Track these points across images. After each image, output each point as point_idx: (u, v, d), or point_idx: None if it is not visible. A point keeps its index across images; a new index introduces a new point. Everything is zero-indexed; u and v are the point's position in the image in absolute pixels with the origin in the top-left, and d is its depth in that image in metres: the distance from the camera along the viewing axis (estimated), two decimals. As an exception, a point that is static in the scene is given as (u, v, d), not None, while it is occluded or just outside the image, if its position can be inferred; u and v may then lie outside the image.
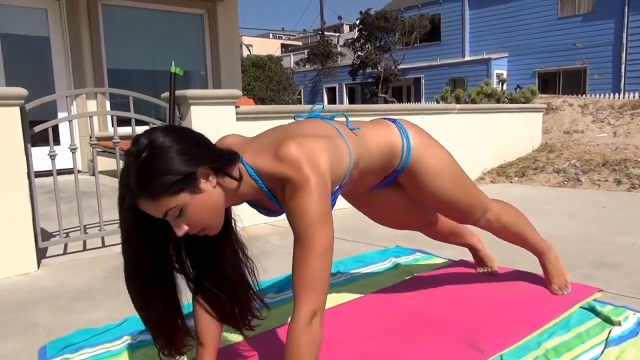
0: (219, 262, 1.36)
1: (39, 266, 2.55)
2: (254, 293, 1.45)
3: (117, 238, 3.08)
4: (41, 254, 2.66)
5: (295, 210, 1.19)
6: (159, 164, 1.11)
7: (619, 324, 1.60)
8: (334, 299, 1.95)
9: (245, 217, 1.49)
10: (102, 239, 2.98)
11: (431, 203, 1.74)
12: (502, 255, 2.25)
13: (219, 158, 1.20)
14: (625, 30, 14.67)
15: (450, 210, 1.74)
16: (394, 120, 1.66)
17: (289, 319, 1.73)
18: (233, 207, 1.38)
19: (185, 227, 1.17)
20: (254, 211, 1.49)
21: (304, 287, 1.16)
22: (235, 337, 1.64)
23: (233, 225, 1.38)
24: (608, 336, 1.54)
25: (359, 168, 1.46)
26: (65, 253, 2.80)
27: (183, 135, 1.18)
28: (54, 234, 2.88)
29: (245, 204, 1.42)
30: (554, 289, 1.91)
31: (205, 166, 1.16)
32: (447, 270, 2.27)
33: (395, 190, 1.77)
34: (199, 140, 1.21)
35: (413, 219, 1.94)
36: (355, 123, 1.53)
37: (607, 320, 1.65)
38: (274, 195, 1.29)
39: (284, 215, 1.31)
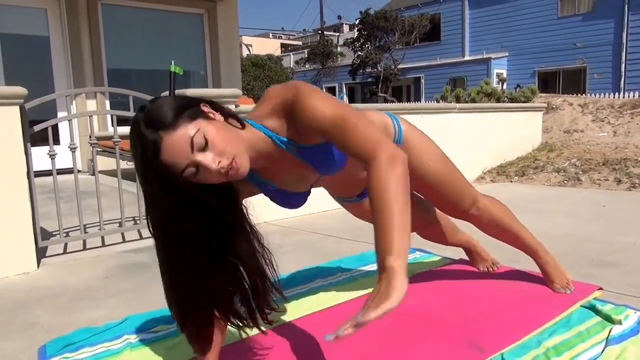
0: (234, 251, 1.33)
1: (38, 265, 2.55)
2: (272, 284, 1.41)
3: (117, 237, 3.09)
4: (41, 253, 2.66)
5: (306, 113, 1.18)
6: (164, 103, 1.13)
7: (620, 322, 1.60)
8: (334, 298, 1.95)
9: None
10: (102, 238, 2.97)
11: (423, 187, 1.74)
12: (503, 255, 2.24)
13: (222, 107, 1.24)
14: (625, 30, 14.67)
15: (441, 195, 1.75)
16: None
17: (291, 317, 1.73)
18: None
19: (218, 160, 1.12)
20: (255, 210, 1.48)
21: (366, 144, 1.15)
22: (236, 336, 1.64)
23: (245, 212, 1.37)
24: (609, 335, 1.54)
25: None
26: (65, 252, 2.80)
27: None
28: (54, 233, 2.88)
29: (256, 204, 1.42)
30: (557, 287, 1.91)
31: (204, 103, 1.19)
32: (446, 269, 2.27)
33: None
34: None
35: (413, 219, 1.94)
36: None
37: (608, 318, 1.65)
38: (283, 137, 1.27)
39: (285, 214, 1.31)
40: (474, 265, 2.24)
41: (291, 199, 1.44)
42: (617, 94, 11.58)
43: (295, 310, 1.84)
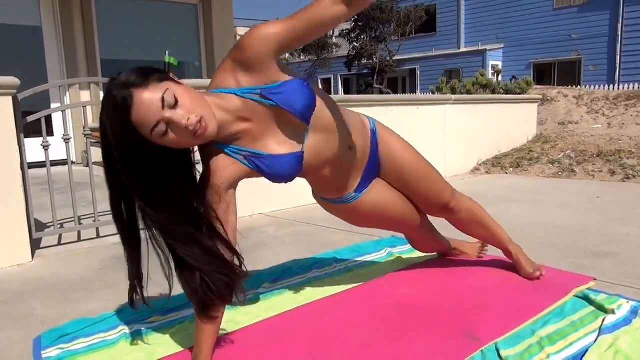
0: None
1: (33, 257, 2.54)
2: (232, 249, 1.36)
3: (112, 229, 3.08)
4: (35, 244, 2.65)
5: (259, 36, 1.27)
6: (134, 70, 1.21)
7: (613, 312, 1.61)
8: (329, 289, 1.95)
9: (240, 208, 1.48)
10: (97, 229, 2.97)
11: (406, 184, 1.78)
12: (492, 248, 2.26)
13: None
14: (620, 22, 14.68)
15: (424, 189, 1.79)
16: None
17: (286, 307, 1.73)
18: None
19: (188, 116, 1.20)
20: (249, 201, 1.48)
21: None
22: (232, 326, 1.65)
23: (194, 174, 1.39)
24: (602, 324, 1.55)
25: (346, 128, 1.54)
26: (59, 244, 2.79)
27: None
28: (48, 225, 2.87)
29: (251, 195, 1.43)
30: (530, 273, 1.94)
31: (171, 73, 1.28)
32: (441, 260, 2.27)
33: (381, 197, 1.77)
34: None
35: (400, 228, 2.00)
36: None
37: (601, 308, 1.66)
38: (245, 87, 1.32)
39: (279, 206, 1.32)
40: (465, 256, 2.25)
41: (284, 165, 1.39)
42: (612, 85, 11.61)
43: (292, 301, 1.84)
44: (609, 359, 1.34)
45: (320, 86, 24.01)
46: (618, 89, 10.37)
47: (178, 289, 2.01)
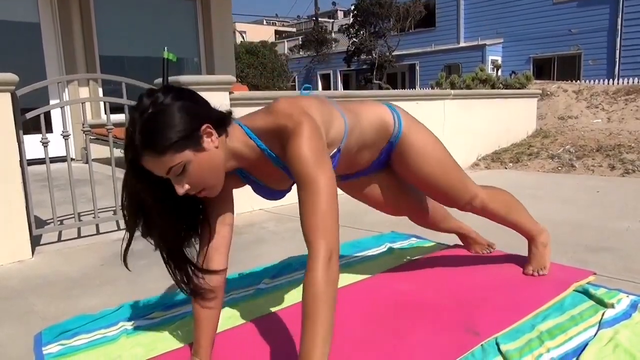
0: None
1: (33, 254, 2.54)
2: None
3: (112, 225, 3.09)
4: (35, 241, 2.65)
5: (293, 154, 1.21)
6: (165, 119, 1.17)
7: (612, 306, 1.62)
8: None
9: (240, 204, 1.49)
10: (97, 226, 2.97)
11: (419, 184, 1.77)
12: (497, 239, 2.26)
13: (219, 115, 1.28)
14: (620, 16, 14.64)
15: (437, 193, 1.77)
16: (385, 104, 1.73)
17: (286, 303, 1.74)
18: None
19: (187, 186, 1.23)
20: (249, 197, 1.49)
21: (316, 230, 1.16)
22: (232, 322, 1.65)
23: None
24: (601, 318, 1.55)
25: (354, 139, 1.52)
26: (59, 240, 2.79)
27: (184, 94, 1.24)
28: (48, 221, 2.87)
29: (250, 191, 1.48)
30: (528, 270, 1.95)
31: (207, 123, 1.23)
32: (442, 255, 2.28)
33: (388, 176, 1.82)
34: (199, 99, 1.28)
35: (406, 205, 1.96)
36: (345, 104, 1.59)
37: (601, 302, 1.66)
38: (273, 152, 1.32)
39: (279, 202, 1.33)
40: (469, 249, 2.25)
41: (275, 194, 1.52)
42: (611, 80, 11.59)
43: (291, 297, 1.85)
44: (609, 353, 1.35)
45: (319, 82, 23.84)
46: (618, 83, 10.35)
47: (177, 287, 2.01)
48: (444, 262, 2.16)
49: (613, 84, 9.64)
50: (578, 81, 10.87)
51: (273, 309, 1.74)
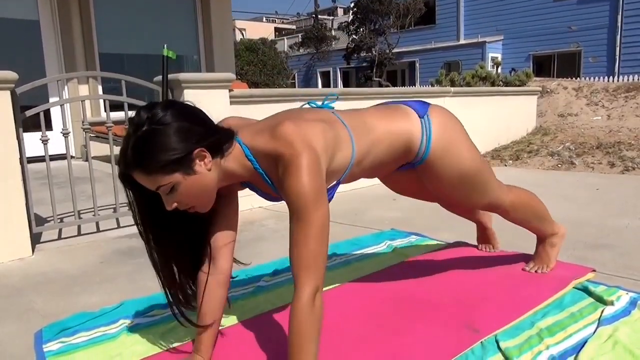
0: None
1: (33, 251, 2.54)
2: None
3: (112, 223, 3.09)
4: (35, 239, 2.65)
5: (289, 187, 1.18)
6: (158, 139, 1.16)
7: (612, 303, 1.62)
8: (329, 282, 1.96)
9: (240, 202, 1.48)
10: (97, 224, 2.97)
11: (440, 194, 1.73)
12: (499, 237, 2.26)
13: (216, 136, 1.24)
14: (620, 13, 14.61)
15: (457, 199, 1.75)
16: (422, 107, 1.57)
17: (286, 300, 1.74)
18: None
19: (175, 204, 1.23)
20: (249, 195, 1.49)
21: (303, 267, 1.16)
22: (233, 319, 1.65)
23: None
24: (601, 315, 1.56)
25: (364, 164, 1.45)
26: (59, 238, 2.80)
27: (183, 112, 1.21)
28: (48, 219, 2.87)
29: (247, 189, 1.46)
30: (530, 266, 1.96)
31: (202, 147, 1.20)
32: (441, 253, 2.28)
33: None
34: (198, 117, 1.25)
35: (429, 194, 1.92)
36: (367, 110, 1.52)
37: (600, 300, 1.67)
38: (269, 177, 1.30)
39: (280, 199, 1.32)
40: (479, 242, 2.25)
41: (272, 198, 1.49)
42: (611, 77, 11.58)
43: (291, 294, 1.84)
44: (608, 350, 1.35)
45: (319, 79, 23.73)
46: (618, 80, 10.35)
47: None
48: (443, 260, 2.16)
49: (613, 81, 9.63)
50: (578, 78, 10.86)
51: (273, 307, 1.74)
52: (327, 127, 1.32)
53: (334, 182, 1.38)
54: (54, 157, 2.98)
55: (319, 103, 1.53)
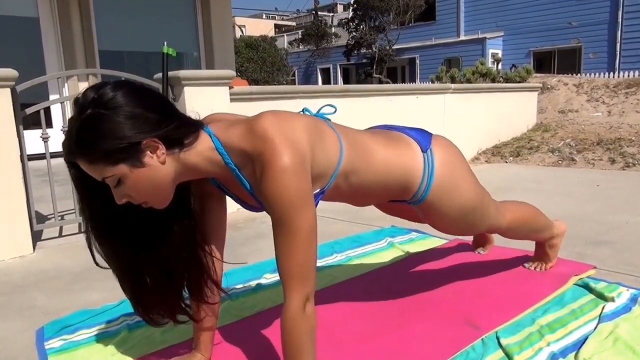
0: (170, 241, 1.22)
1: (34, 249, 2.55)
2: (210, 280, 1.30)
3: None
4: (36, 236, 2.65)
5: (269, 192, 1.06)
6: (102, 125, 1.01)
7: (612, 300, 1.62)
8: (329, 279, 1.96)
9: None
10: (98, 221, 2.96)
11: (436, 227, 1.59)
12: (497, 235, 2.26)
13: (174, 124, 1.08)
14: (620, 8, 14.57)
15: (455, 233, 1.67)
16: (424, 139, 1.42)
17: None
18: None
19: (124, 199, 1.09)
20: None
21: (292, 277, 1.08)
22: (233, 317, 1.65)
23: (192, 205, 1.26)
24: (601, 312, 1.56)
25: (352, 180, 1.28)
26: (60, 235, 2.80)
27: (136, 95, 1.06)
28: (49, 216, 2.87)
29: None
30: (529, 265, 1.96)
31: (154, 137, 1.05)
32: (442, 249, 2.28)
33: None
34: (154, 102, 1.09)
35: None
36: (366, 132, 1.38)
37: (601, 296, 1.67)
38: (243, 175, 1.15)
39: None
40: (473, 244, 2.25)
41: (251, 208, 1.33)
42: (612, 73, 11.55)
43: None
44: (609, 347, 1.35)
45: (319, 76, 23.69)
46: (618, 76, 10.32)
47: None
48: (444, 257, 2.17)
49: (613, 77, 9.61)
50: (578, 74, 10.84)
51: (274, 304, 1.74)
52: (311, 123, 1.18)
53: (317, 190, 1.22)
54: (54, 155, 2.98)
55: (313, 112, 1.36)
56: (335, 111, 1.36)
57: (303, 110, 1.34)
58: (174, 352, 1.44)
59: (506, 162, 5.35)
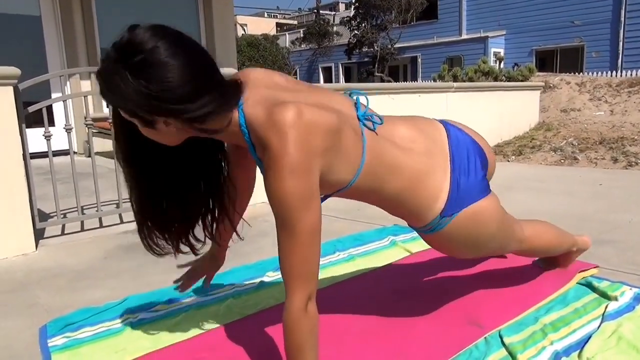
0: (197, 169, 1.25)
1: (37, 247, 2.55)
2: (229, 220, 1.32)
3: (115, 219, 3.09)
4: (39, 234, 2.65)
5: (272, 190, 1.04)
6: (120, 85, 1.00)
7: (616, 299, 1.62)
8: (332, 278, 1.96)
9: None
10: (100, 219, 2.97)
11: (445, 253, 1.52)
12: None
13: (203, 113, 1.03)
14: (623, 7, 14.54)
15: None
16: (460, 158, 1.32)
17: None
18: None
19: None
20: (253, 192, 1.47)
21: (293, 276, 1.08)
22: (236, 315, 1.66)
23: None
24: (605, 311, 1.55)
25: (361, 192, 1.24)
26: (63, 234, 2.80)
27: (171, 62, 0.99)
28: (52, 215, 2.87)
29: None
30: (539, 263, 1.93)
31: (170, 118, 1.03)
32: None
33: None
34: (192, 71, 1.02)
35: None
36: (412, 131, 1.30)
37: (604, 295, 1.67)
38: (257, 155, 1.12)
39: None
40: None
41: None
42: (614, 72, 11.53)
43: (294, 289, 1.85)
44: (612, 346, 1.35)
45: (321, 75, 23.64)
46: (621, 75, 10.30)
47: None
48: (446, 256, 2.16)
49: (616, 76, 9.59)
50: (581, 73, 10.82)
51: (276, 302, 1.74)
52: (337, 128, 1.10)
53: (322, 196, 1.17)
54: (56, 153, 2.98)
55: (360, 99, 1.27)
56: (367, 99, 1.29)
57: (350, 93, 1.28)
58: (177, 349, 1.44)
59: (508, 161, 5.34)
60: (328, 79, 23.03)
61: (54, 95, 4.91)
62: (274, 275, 2.02)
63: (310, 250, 1.09)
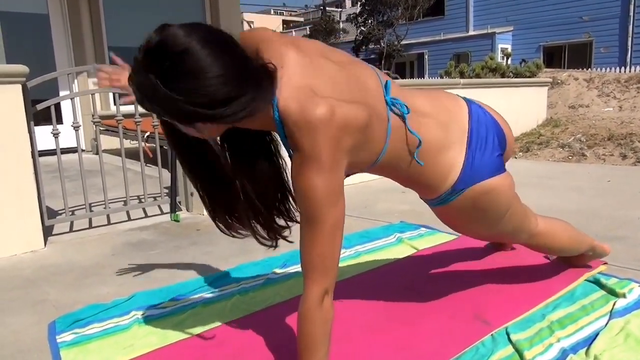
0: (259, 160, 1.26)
1: (45, 244, 2.57)
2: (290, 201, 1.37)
3: (123, 216, 3.11)
4: (47, 231, 2.67)
5: (298, 185, 1.07)
6: (157, 94, 0.96)
7: (624, 296, 1.61)
8: (338, 275, 1.96)
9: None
10: (108, 216, 2.99)
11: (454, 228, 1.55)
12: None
13: (236, 112, 0.99)
14: (632, 2, 14.39)
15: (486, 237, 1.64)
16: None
17: (296, 293, 1.74)
18: None
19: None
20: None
21: (313, 268, 1.10)
22: (243, 311, 1.66)
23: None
24: (612, 308, 1.55)
25: (378, 167, 1.26)
26: (71, 231, 2.82)
27: (207, 69, 0.95)
28: (60, 212, 2.89)
29: None
30: (551, 257, 1.92)
31: (205, 122, 1.01)
32: (451, 245, 2.27)
33: None
34: (227, 74, 0.97)
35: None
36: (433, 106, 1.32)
37: (612, 292, 1.66)
38: (288, 145, 1.12)
39: None
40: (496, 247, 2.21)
41: None
42: (623, 68, 11.43)
43: (301, 286, 1.85)
44: (620, 343, 1.34)
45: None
46: (629, 71, 10.21)
47: (187, 277, 2.03)
48: (453, 252, 2.16)
49: (625, 72, 9.51)
50: (589, 69, 10.73)
51: (282, 299, 1.75)
52: (367, 119, 1.11)
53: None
54: (64, 151, 3.00)
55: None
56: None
57: (386, 84, 1.25)
58: (184, 346, 1.45)
59: (515, 157, 5.32)
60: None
61: (61, 93, 4.94)
62: (280, 273, 2.02)
63: (332, 245, 1.10)
